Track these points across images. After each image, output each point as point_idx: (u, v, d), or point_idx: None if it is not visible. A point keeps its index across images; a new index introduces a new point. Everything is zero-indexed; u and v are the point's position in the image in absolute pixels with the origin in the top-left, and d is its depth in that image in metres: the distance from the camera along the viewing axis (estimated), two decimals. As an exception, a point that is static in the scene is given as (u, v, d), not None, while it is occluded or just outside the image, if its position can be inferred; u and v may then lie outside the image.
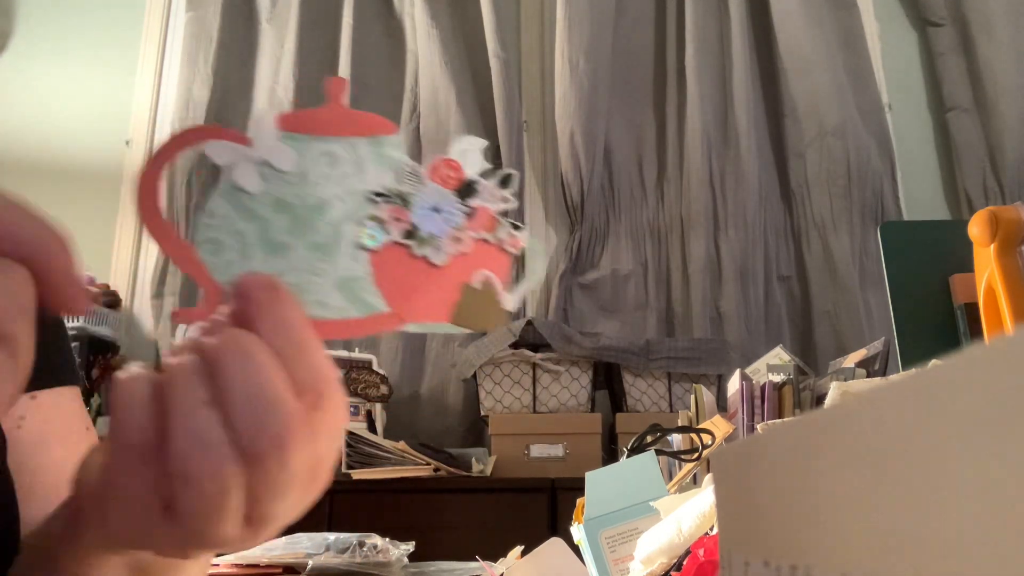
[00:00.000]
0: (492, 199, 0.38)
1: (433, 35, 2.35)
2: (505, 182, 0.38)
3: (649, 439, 0.82)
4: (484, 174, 0.38)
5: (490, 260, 0.37)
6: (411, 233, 0.36)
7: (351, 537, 0.94)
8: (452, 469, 1.73)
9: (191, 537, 0.29)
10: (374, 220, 0.36)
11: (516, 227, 0.38)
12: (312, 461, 0.30)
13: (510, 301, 0.37)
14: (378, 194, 0.36)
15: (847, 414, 0.16)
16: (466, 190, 0.37)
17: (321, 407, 0.30)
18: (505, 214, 0.38)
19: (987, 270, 0.87)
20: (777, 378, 0.93)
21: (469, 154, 0.38)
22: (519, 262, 0.38)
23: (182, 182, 2.30)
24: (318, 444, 0.30)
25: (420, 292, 0.36)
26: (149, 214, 0.33)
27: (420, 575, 0.97)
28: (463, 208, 0.37)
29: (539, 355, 1.89)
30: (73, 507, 0.32)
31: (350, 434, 1.69)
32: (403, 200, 0.36)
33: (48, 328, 0.32)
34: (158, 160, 0.34)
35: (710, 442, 0.79)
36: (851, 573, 0.16)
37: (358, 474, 1.63)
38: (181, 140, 0.35)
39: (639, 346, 1.92)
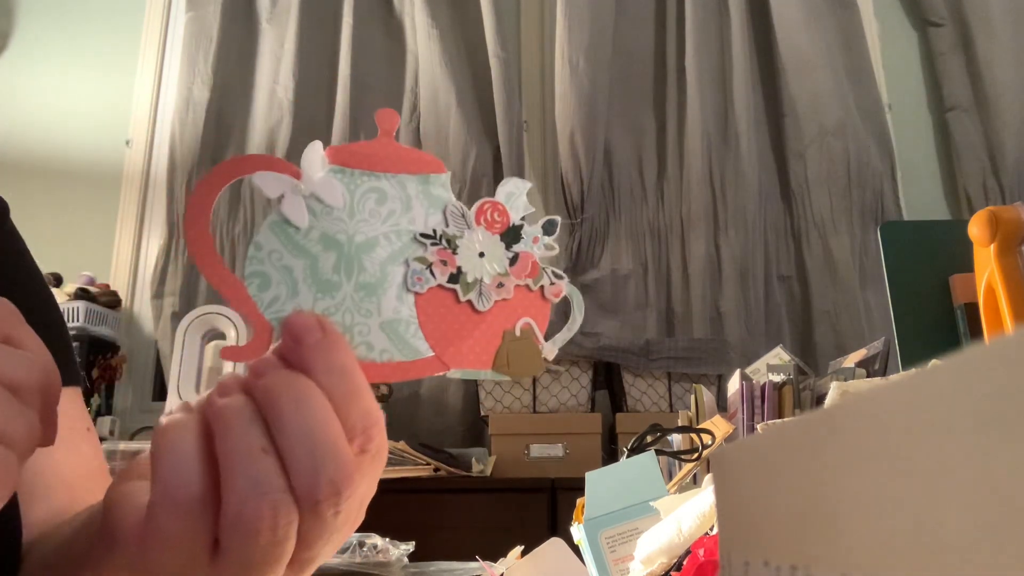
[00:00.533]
0: (535, 246, 0.38)
1: (433, 35, 2.35)
2: (548, 229, 0.38)
3: (649, 439, 0.82)
4: (527, 218, 0.38)
5: (531, 307, 0.37)
6: (456, 277, 0.36)
7: (351, 537, 0.94)
8: (452, 469, 1.73)
9: None
10: (420, 262, 0.36)
11: (558, 275, 0.38)
12: (357, 504, 0.30)
13: (550, 350, 0.37)
14: (425, 235, 0.36)
15: (847, 414, 0.16)
16: (511, 235, 0.37)
17: (369, 450, 0.30)
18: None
19: (987, 270, 0.87)
20: (777, 378, 0.93)
21: (515, 198, 0.38)
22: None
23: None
24: (362, 486, 0.30)
25: (463, 337, 0.36)
26: (198, 246, 0.33)
27: (420, 575, 0.97)
28: (507, 254, 0.37)
29: (539, 355, 1.89)
30: (103, 533, 0.31)
31: (350, 434, 1.69)
32: (449, 243, 0.36)
33: (48, 329, 0.32)
34: (206, 190, 0.33)
35: (710, 442, 0.79)
36: (851, 573, 0.16)
37: (358, 474, 1.63)
38: (231, 169, 0.34)
39: (639, 346, 1.92)
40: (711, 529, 0.50)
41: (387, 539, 0.97)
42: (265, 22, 2.50)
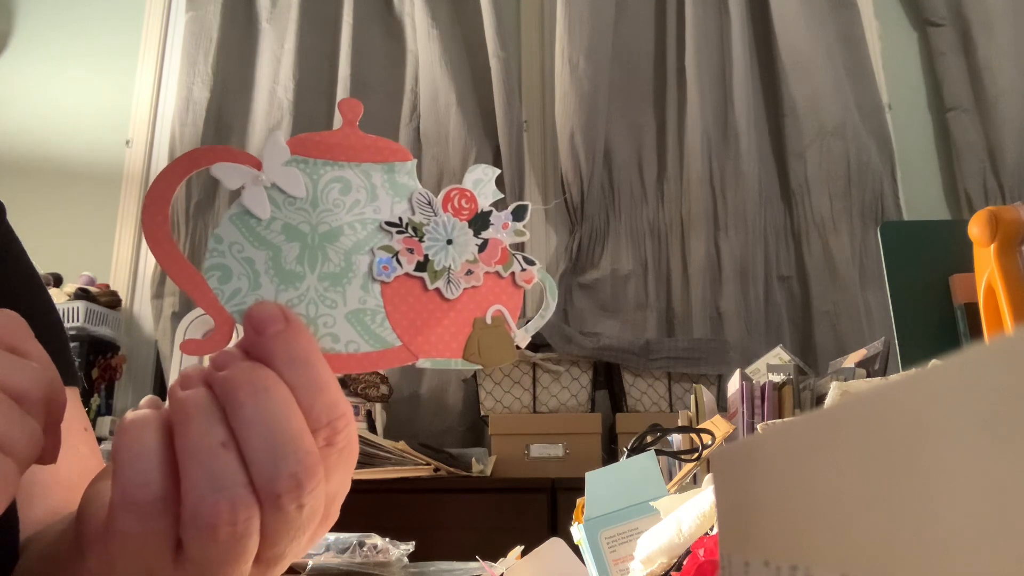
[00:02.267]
0: (505, 232, 0.37)
1: (433, 35, 2.35)
2: (518, 214, 0.37)
3: (649, 439, 0.82)
4: (497, 204, 0.37)
5: (502, 294, 0.36)
6: (423, 265, 0.35)
7: (351, 537, 0.94)
8: (452, 469, 1.73)
9: None
10: (387, 251, 0.35)
11: (529, 261, 0.37)
12: (326, 500, 0.29)
13: (522, 337, 0.36)
14: (391, 224, 0.35)
15: (847, 414, 0.16)
16: (479, 221, 0.36)
17: (335, 443, 0.29)
18: (517, 247, 0.37)
19: (987, 270, 0.87)
20: (777, 378, 0.93)
21: (483, 184, 0.37)
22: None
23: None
24: (331, 482, 0.30)
25: (432, 326, 0.35)
26: (156, 239, 0.32)
27: (420, 575, 0.97)
28: (476, 240, 0.36)
29: (539, 355, 1.89)
30: (76, 533, 0.31)
31: (350, 434, 1.68)
32: (416, 231, 0.35)
33: (46, 330, 0.32)
34: (165, 183, 0.33)
35: (710, 442, 0.79)
36: (851, 573, 0.16)
37: (358, 474, 1.63)
38: (189, 162, 0.33)
39: (639, 346, 1.92)
40: (711, 529, 0.50)
41: (387, 539, 0.97)
42: (265, 22, 2.50)
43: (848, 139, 2.25)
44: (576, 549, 0.70)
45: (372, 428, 1.89)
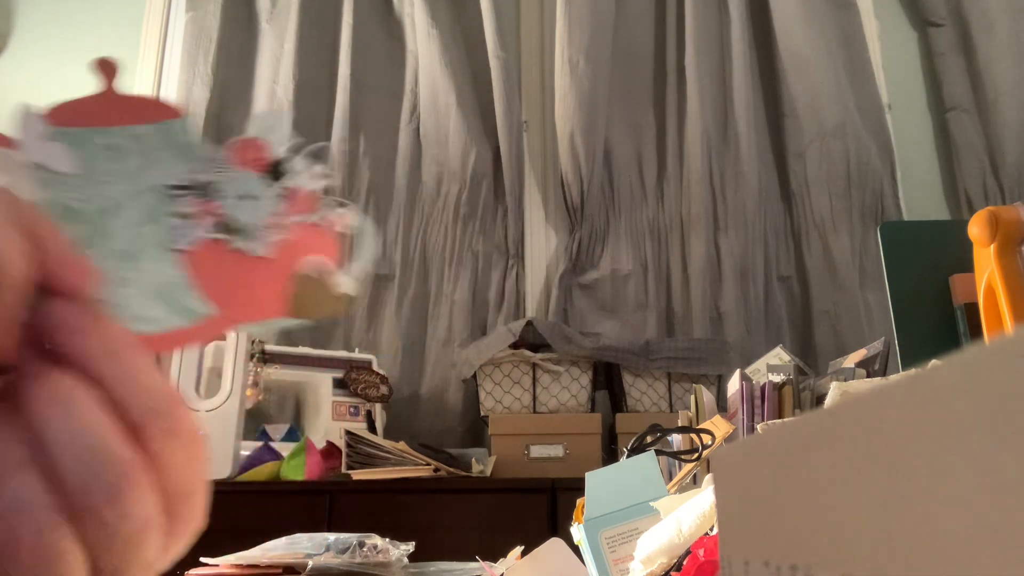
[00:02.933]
0: (306, 177, 0.34)
1: (433, 35, 2.35)
2: (317, 157, 0.34)
3: (649, 439, 0.82)
4: (293, 150, 0.34)
5: (316, 244, 0.33)
6: (222, 225, 0.32)
7: (351, 537, 0.94)
8: (452, 469, 1.73)
9: None
10: (178, 216, 0.32)
11: (341, 204, 0.34)
12: (167, 499, 0.27)
13: (347, 284, 0.33)
14: (177, 187, 0.32)
15: (847, 414, 0.16)
16: (276, 171, 0.34)
17: (165, 432, 0.26)
18: (326, 191, 0.34)
19: (987, 270, 0.87)
20: (777, 378, 0.93)
21: (273, 131, 0.34)
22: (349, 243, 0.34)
23: None
24: (169, 478, 0.27)
25: (246, 288, 0.32)
26: None
27: (420, 575, 0.97)
28: (276, 191, 0.33)
29: (539, 355, 1.89)
30: None
31: (350, 434, 1.69)
32: (207, 190, 0.32)
33: None
34: None
35: (710, 442, 0.79)
36: (851, 573, 0.16)
37: (358, 474, 1.63)
38: None
39: (639, 346, 1.92)
40: (711, 529, 0.50)
41: (387, 539, 0.97)
42: (265, 22, 2.50)
43: (848, 139, 2.25)
44: (576, 549, 0.70)
45: (372, 428, 1.89)
